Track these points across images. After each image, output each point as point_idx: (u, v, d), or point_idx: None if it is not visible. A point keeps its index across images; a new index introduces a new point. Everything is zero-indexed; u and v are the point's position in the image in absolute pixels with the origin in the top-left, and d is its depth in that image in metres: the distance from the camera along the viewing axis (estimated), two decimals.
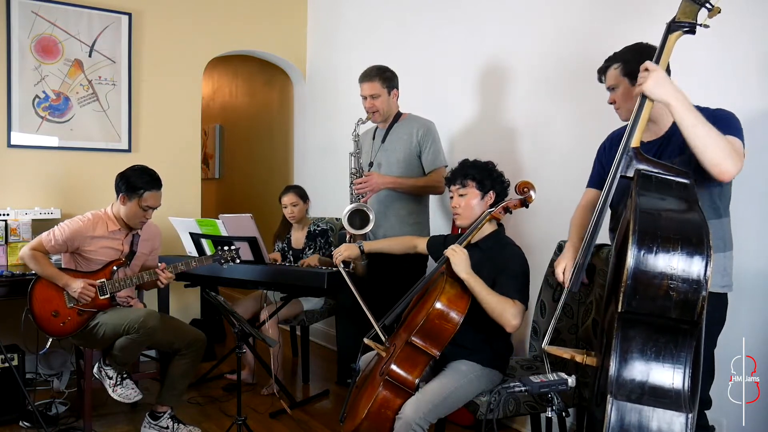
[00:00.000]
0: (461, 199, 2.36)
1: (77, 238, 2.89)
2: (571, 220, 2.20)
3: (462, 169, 2.39)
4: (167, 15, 4.26)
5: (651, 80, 1.69)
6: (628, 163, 1.72)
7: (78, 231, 2.89)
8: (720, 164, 1.66)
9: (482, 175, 2.35)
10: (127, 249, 3.00)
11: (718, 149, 1.66)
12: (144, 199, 2.89)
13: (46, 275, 2.82)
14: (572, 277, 1.84)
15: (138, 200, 2.88)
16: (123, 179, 2.91)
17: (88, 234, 2.90)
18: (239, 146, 6.43)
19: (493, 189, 2.35)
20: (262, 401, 3.49)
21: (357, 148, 3.08)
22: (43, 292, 2.83)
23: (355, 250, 2.64)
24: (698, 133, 1.67)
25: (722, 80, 2.34)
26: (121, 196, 2.91)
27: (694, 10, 1.71)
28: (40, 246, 2.87)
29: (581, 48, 2.83)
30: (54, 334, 2.85)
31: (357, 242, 2.64)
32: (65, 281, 2.79)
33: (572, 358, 1.81)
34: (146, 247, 3.10)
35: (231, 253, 2.94)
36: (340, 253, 2.62)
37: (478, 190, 2.35)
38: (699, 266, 1.44)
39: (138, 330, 2.73)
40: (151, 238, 3.14)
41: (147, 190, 2.89)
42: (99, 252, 2.93)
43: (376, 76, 3.06)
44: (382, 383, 2.16)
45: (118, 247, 2.98)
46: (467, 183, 2.35)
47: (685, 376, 1.45)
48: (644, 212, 1.52)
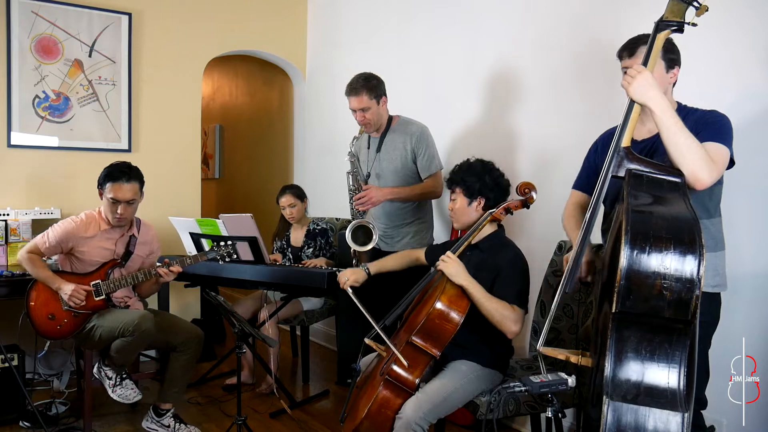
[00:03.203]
0: (453, 203, 2.41)
1: (70, 239, 2.88)
2: (564, 224, 2.20)
3: (454, 173, 2.42)
4: (167, 15, 4.26)
5: (636, 83, 1.70)
6: (620, 162, 1.73)
7: (70, 232, 2.88)
8: (696, 173, 1.67)
9: (470, 180, 2.36)
10: (121, 250, 2.99)
11: (696, 158, 1.67)
12: (107, 191, 2.84)
13: (41, 278, 2.82)
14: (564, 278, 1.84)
15: (103, 193, 2.87)
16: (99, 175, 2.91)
17: (81, 234, 2.90)
18: (239, 146, 6.43)
19: (481, 194, 2.35)
20: (262, 401, 3.50)
21: (354, 167, 3.09)
22: (40, 295, 2.83)
23: (361, 274, 2.60)
24: (677, 141, 1.68)
25: (719, 79, 2.34)
26: (99, 192, 2.91)
27: (681, 9, 1.73)
28: (35, 248, 2.87)
29: (582, 48, 2.83)
30: (51, 336, 2.86)
31: (362, 266, 2.62)
32: (58, 284, 2.79)
33: (567, 359, 1.82)
34: (143, 250, 3.08)
35: (227, 249, 2.91)
36: (347, 278, 2.57)
37: (465, 196, 2.37)
38: (692, 265, 1.45)
39: (132, 333, 2.73)
40: (149, 241, 3.12)
41: (108, 182, 2.84)
42: (93, 253, 2.93)
43: (362, 88, 3.00)
44: (382, 383, 2.16)
45: (111, 247, 2.97)
46: (455, 189, 2.40)
47: (681, 376, 1.45)
48: (636, 212, 1.53)
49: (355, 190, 3.06)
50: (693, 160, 1.67)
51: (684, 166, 1.67)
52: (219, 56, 4.64)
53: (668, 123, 1.69)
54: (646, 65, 1.74)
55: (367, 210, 3.05)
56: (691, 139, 1.68)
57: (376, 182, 3.14)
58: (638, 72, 1.71)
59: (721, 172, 1.76)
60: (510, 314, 2.18)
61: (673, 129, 1.68)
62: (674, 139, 1.68)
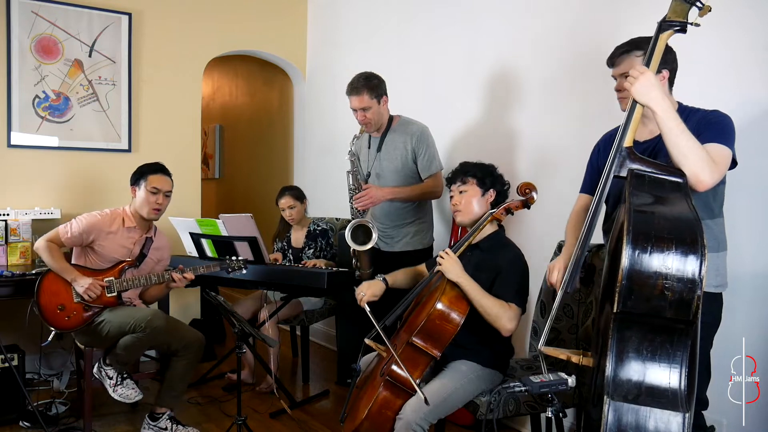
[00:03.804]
0: (461, 196, 2.37)
1: (93, 231, 2.95)
2: (566, 226, 2.21)
3: (463, 167, 2.42)
4: (167, 15, 4.26)
5: (638, 83, 1.70)
6: (622, 162, 1.73)
7: (95, 224, 2.96)
8: (698, 174, 1.67)
9: (483, 173, 2.37)
10: (137, 250, 3.04)
11: (697, 159, 1.67)
12: (150, 181, 2.99)
13: (57, 268, 2.85)
14: (567, 277, 1.84)
15: (145, 184, 2.98)
16: (133, 174, 3.07)
17: (105, 228, 2.97)
18: (239, 146, 6.43)
19: (493, 187, 2.36)
20: (262, 401, 3.50)
21: (354, 166, 3.09)
22: (52, 285, 2.85)
23: (379, 286, 2.47)
24: (678, 142, 1.68)
25: (719, 79, 2.34)
26: (132, 189, 3.04)
27: (684, 9, 1.72)
28: (56, 238, 2.92)
29: (583, 48, 2.83)
30: (58, 327, 2.87)
31: (378, 276, 2.53)
32: (74, 276, 2.83)
33: (568, 358, 1.82)
34: (156, 255, 3.13)
35: (239, 263, 2.99)
36: (363, 294, 2.41)
37: (479, 187, 2.36)
38: (693, 265, 1.45)
39: (145, 329, 2.75)
40: (162, 247, 3.17)
41: (150, 173, 3.01)
42: (111, 248, 2.98)
43: (363, 87, 3.00)
44: (382, 384, 2.16)
45: (130, 246, 3.03)
46: (467, 180, 2.37)
47: (682, 376, 1.45)
48: (638, 212, 1.53)
49: (355, 189, 3.06)
50: (695, 161, 1.67)
51: (686, 167, 1.67)
52: (219, 56, 4.64)
53: (670, 124, 1.69)
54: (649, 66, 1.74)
55: (367, 210, 3.05)
56: (693, 141, 1.68)
57: (377, 182, 3.14)
58: (641, 73, 1.71)
59: (723, 173, 1.76)
60: (505, 312, 2.17)
61: (675, 131, 1.68)
62: (676, 140, 1.68)
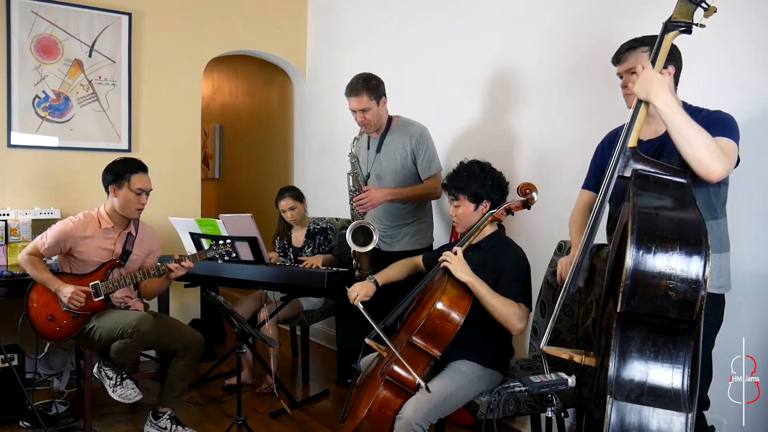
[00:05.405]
0: (457, 210, 2.39)
1: (68, 239, 2.88)
2: (570, 223, 2.21)
3: (455, 179, 2.38)
4: (167, 15, 4.26)
5: (640, 81, 1.70)
6: (626, 162, 1.72)
7: (67, 232, 2.89)
8: (707, 164, 1.66)
9: (475, 186, 2.34)
10: (119, 249, 2.98)
11: (705, 149, 1.66)
12: (133, 182, 2.91)
13: (40, 280, 2.83)
14: (570, 277, 1.84)
15: (128, 185, 2.91)
16: (108, 172, 2.96)
17: (79, 234, 2.90)
18: (239, 146, 6.43)
19: (488, 197, 2.35)
20: (262, 401, 3.49)
21: (354, 168, 3.08)
22: (39, 297, 2.84)
23: (370, 287, 2.54)
24: (685, 134, 1.67)
25: (719, 79, 2.34)
26: (111, 188, 2.94)
27: (690, 10, 1.72)
28: (35, 250, 2.88)
29: (583, 48, 2.83)
30: (51, 338, 2.86)
31: (369, 277, 2.59)
32: (57, 286, 2.80)
33: (571, 358, 1.82)
34: (142, 249, 3.07)
35: (226, 248, 2.92)
36: (356, 294, 2.49)
37: (470, 202, 2.35)
38: (697, 266, 1.45)
39: (131, 334, 2.72)
40: (147, 240, 3.11)
41: (133, 173, 2.93)
42: (91, 253, 2.92)
43: (362, 89, 2.99)
44: (382, 383, 2.16)
45: (110, 247, 2.96)
46: (459, 196, 2.36)
47: (684, 376, 1.45)
48: (642, 212, 1.52)
49: (356, 191, 3.06)
50: (703, 151, 1.66)
51: (694, 158, 1.66)
52: (219, 56, 4.64)
53: (674, 117, 1.68)
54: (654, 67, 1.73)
55: (367, 211, 3.05)
56: (700, 131, 1.67)
57: (376, 183, 3.14)
58: (644, 70, 1.71)
59: (733, 164, 1.75)
60: (516, 311, 2.18)
61: (680, 123, 1.68)
62: (682, 132, 1.67)
